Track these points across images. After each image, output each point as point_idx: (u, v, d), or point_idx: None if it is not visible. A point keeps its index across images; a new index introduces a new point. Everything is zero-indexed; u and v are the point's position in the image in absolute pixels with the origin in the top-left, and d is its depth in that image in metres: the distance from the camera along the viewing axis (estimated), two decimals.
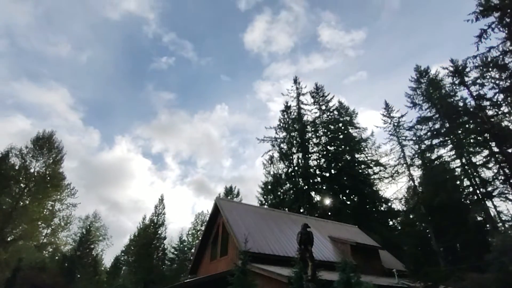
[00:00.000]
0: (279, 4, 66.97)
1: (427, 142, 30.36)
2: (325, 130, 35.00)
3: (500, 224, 23.58)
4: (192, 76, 78.45)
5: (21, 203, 28.46)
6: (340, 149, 32.85)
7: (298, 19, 67.94)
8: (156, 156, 77.47)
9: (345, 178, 30.31)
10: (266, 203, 32.52)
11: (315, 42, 73.55)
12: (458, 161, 27.20)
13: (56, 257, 33.80)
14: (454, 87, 28.81)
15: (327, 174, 32.16)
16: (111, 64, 72.21)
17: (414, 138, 32.19)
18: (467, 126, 27.14)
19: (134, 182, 68.35)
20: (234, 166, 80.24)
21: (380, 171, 33.10)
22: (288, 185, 32.56)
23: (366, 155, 34.02)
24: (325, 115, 36.12)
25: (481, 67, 22.65)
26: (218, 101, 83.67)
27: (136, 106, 73.69)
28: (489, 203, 24.28)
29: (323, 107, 36.57)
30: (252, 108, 75.58)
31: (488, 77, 23.66)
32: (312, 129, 35.80)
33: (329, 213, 27.94)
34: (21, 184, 29.27)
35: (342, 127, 34.42)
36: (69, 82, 68.61)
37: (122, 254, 41.23)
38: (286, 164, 33.82)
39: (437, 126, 29.68)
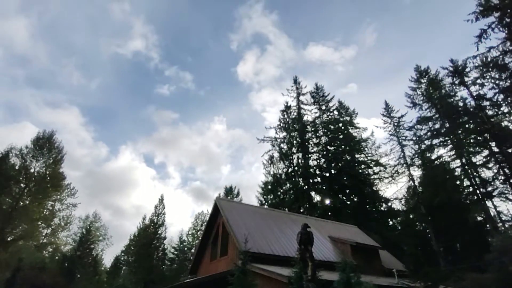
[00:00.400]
0: (265, 42, 78.11)
1: (427, 142, 30.37)
2: (325, 130, 35.00)
3: (500, 224, 23.58)
4: (190, 99, 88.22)
5: (21, 203, 28.47)
6: (340, 149, 32.84)
7: (285, 53, 75.55)
8: (158, 166, 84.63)
9: (345, 178, 30.31)
10: (266, 203, 32.52)
11: (303, 65, 77.87)
12: (458, 161, 27.21)
13: (56, 257, 33.79)
14: (454, 87, 28.81)
15: (327, 174, 32.15)
16: (119, 89, 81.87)
17: (414, 138, 32.20)
18: (467, 126, 27.13)
19: (137, 190, 71.52)
20: (232, 172, 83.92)
21: (380, 171, 33.11)
22: (288, 185, 32.56)
23: (366, 155, 34.02)
24: (325, 115, 36.15)
25: (481, 67, 22.65)
26: (216, 113, 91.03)
27: (140, 123, 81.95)
28: (489, 203, 24.30)
29: (323, 107, 36.59)
30: (248, 119, 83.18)
31: (488, 77, 23.65)
32: (312, 129, 35.81)
33: (329, 213, 27.93)
34: (21, 184, 29.28)
35: (342, 127, 34.42)
36: (81, 103, 77.50)
37: (122, 254, 41.24)
38: (286, 164, 33.83)
39: (437, 126, 29.68)
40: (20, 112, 67.30)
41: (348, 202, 30.10)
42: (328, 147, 33.85)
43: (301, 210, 28.72)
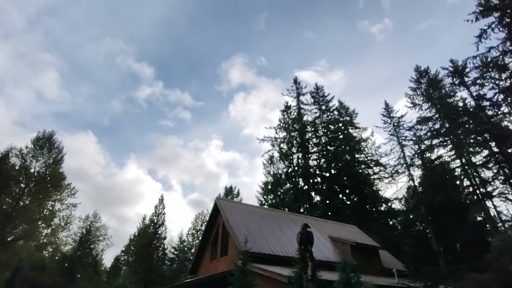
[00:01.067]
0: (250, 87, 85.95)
1: (427, 142, 30.38)
2: (325, 130, 34.99)
3: (500, 224, 23.58)
4: (189, 132, 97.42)
5: (21, 203, 28.45)
6: (340, 149, 32.83)
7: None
8: (162, 180, 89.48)
9: (345, 178, 30.30)
10: (266, 203, 32.52)
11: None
12: (458, 161, 27.23)
13: (56, 257, 33.78)
14: (454, 87, 28.84)
15: (327, 174, 32.14)
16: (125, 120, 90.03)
17: (414, 138, 32.22)
18: (467, 126, 27.13)
19: (143, 200, 76.49)
20: (230, 178, 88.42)
21: (380, 171, 33.12)
22: (288, 185, 32.55)
23: (366, 155, 34.02)
24: (325, 115, 36.14)
25: (481, 67, 22.65)
26: (214, 132, 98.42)
27: (146, 145, 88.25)
28: (489, 203, 24.31)
29: (323, 107, 36.58)
30: (243, 141, 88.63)
31: (488, 77, 23.68)
32: (312, 129, 35.80)
33: (329, 213, 27.92)
34: (21, 184, 29.26)
35: (342, 127, 34.41)
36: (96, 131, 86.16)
37: (122, 254, 41.25)
38: (286, 164, 33.83)
39: (437, 126, 29.70)
40: None
41: (348, 202, 30.09)
42: (328, 147, 33.84)
43: (301, 210, 28.72)
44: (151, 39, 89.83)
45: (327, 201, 29.55)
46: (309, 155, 33.81)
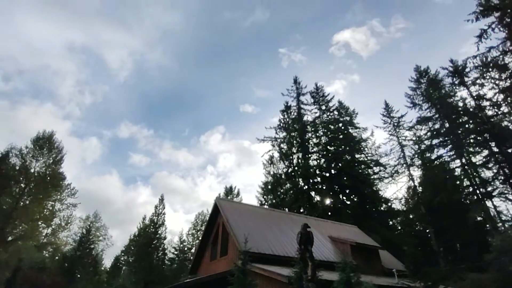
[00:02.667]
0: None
1: (427, 142, 30.37)
2: (325, 130, 34.99)
3: (500, 224, 23.57)
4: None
5: (21, 203, 28.43)
6: (340, 149, 32.83)
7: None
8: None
9: (345, 178, 30.29)
10: (266, 203, 32.52)
11: None
12: (458, 161, 27.22)
13: (56, 257, 33.78)
14: (454, 87, 28.83)
15: (327, 174, 32.14)
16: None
17: (414, 138, 32.22)
18: (467, 126, 27.13)
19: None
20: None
21: (380, 171, 33.12)
22: (288, 185, 32.55)
23: (366, 155, 34.03)
24: (325, 115, 36.14)
25: (481, 67, 22.64)
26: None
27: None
28: (489, 203, 24.29)
29: (323, 107, 36.57)
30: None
31: (488, 77, 23.66)
32: (312, 129, 35.79)
33: (329, 213, 27.93)
34: (21, 184, 29.23)
35: (342, 127, 34.41)
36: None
37: (122, 254, 41.26)
38: (286, 164, 33.83)
39: (437, 126, 29.69)
40: None
41: (348, 202, 30.10)
42: (328, 147, 33.84)
43: (301, 210, 28.71)
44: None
45: (327, 201, 29.59)
46: (309, 155, 33.80)
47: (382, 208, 31.29)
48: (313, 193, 31.61)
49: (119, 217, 71.45)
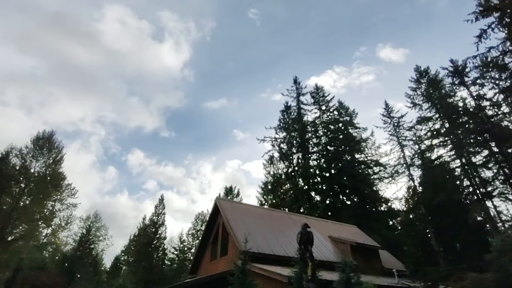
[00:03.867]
0: None
1: (427, 142, 30.39)
2: (325, 130, 34.99)
3: (500, 224, 23.57)
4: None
5: (21, 203, 28.45)
6: (340, 149, 32.82)
7: None
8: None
9: (345, 178, 30.28)
10: (266, 203, 32.53)
11: None
12: (458, 161, 27.20)
13: (56, 257, 33.79)
14: (454, 87, 28.81)
15: (327, 174, 32.14)
16: None
17: (414, 138, 32.22)
18: (467, 126, 27.12)
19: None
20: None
21: (380, 171, 33.11)
22: (288, 185, 32.56)
23: (366, 155, 34.03)
24: (325, 115, 36.14)
25: (481, 67, 22.61)
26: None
27: None
28: (489, 203, 24.28)
29: (323, 107, 36.58)
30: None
31: (488, 77, 23.65)
32: (312, 129, 35.80)
33: (329, 213, 27.93)
34: (21, 184, 29.24)
35: (342, 127, 34.41)
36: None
37: (122, 254, 41.24)
38: (286, 164, 33.83)
39: (437, 126, 29.70)
40: None
41: (348, 202, 30.10)
42: (328, 147, 33.84)
43: (301, 210, 28.70)
44: None
45: (327, 201, 29.57)
46: (309, 155, 33.81)
47: (382, 208, 31.30)
48: (313, 193, 31.62)
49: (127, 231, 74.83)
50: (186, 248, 39.86)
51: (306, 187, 31.48)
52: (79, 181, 76.27)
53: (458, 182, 27.35)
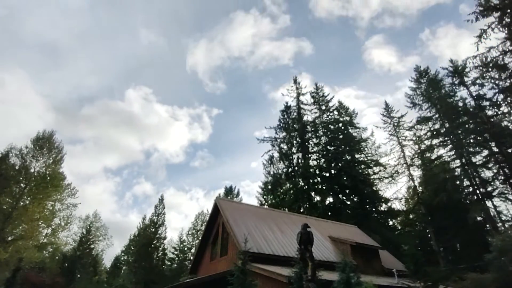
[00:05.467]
0: None
1: (427, 142, 30.39)
2: (325, 130, 34.98)
3: (500, 224, 23.59)
4: None
5: (21, 203, 28.41)
6: (340, 149, 32.82)
7: None
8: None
9: (345, 178, 30.30)
10: (266, 203, 32.52)
11: None
12: (458, 161, 27.21)
13: (56, 257, 33.76)
14: (454, 87, 28.86)
15: (327, 174, 32.14)
16: None
17: (414, 138, 32.22)
18: (467, 126, 27.14)
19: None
20: None
21: (380, 171, 33.11)
22: (288, 185, 32.54)
23: (366, 155, 34.02)
24: (325, 115, 36.13)
25: (481, 67, 22.62)
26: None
27: None
28: (489, 203, 24.31)
29: (323, 107, 36.56)
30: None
31: (488, 77, 23.64)
32: (312, 129, 35.78)
33: (329, 213, 27.93)
34: (21, 184, 29.21)
35: (342, 127, 34.40)
36: None
37: (122, 254, 41.24)
38: (286, 164, 33.81)
39: (437, 126, 29.70)
40: None
41: (348, 202, 30.09)
42: (328, 147, 33.84)
43: (301, 210, 28.71)
44: None
45: (327, 201, 29.57)
46: (309, 155, 33.80)
47: (382, 208, 31.29)
48: (313, 193, 31.61)
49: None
50: (186, 248, 39.86)
51: (306, 187, 31.47)
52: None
53: (458, 182, 27.36)
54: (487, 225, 24.92)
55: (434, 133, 29.41)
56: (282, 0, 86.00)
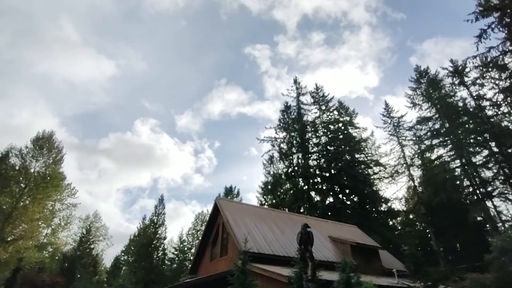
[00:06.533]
0: None
1: (427, 142, 30.40)
2: (325, 130, 34.98)
3: (500, 224, 23.60)
4: None
5: (21, 203, 28.40)
6: (340, 149, 32.82)
7: None
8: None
9: (345, 178, 30.29)
10: (266, 203, 32.51)
11: None
12: (458, 161, 27.22)
13: (56, 257, 33.77)
14: (454, 87, 28.88)
15: (327, 174, 32.13)
16: None
17: (414, 138, 32.24)
18: (467, 126, 27.14)
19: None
20: None
21: (380, 171, 33.13)
22: (288, 185, 32.54)
23: (366, 155, 34.02)
24: (325, 115, 36.12)
25: (481, 67, 22.63)
26: None
27: None
28: (489, 203, 24.33)
29: (323, 107, 36.56)
30: None
31: (488, 77, 23.68)
32: (312, 129, 35.78)
33: (329, 213, 27.92)
34: (21, 184, 29.21)
35: (342, 127, 34.41)
36: None
37: (122, 254, 41.22)
38: (286, 164, 33.81)
39: (437, 126, 29.72)
40: None
41: (348, 202, 30.09)
42: (328, 147, 33.83)
43: (301, 210, 28.71)
44: None
45: (327, 201, 29.57)
46: (309, 155, 33.79)
47: (382, 208, 31.29)
48: (313, 193, 31.62)
49: None
50: (186, 248, 39.85)
51: (306, 187, 31.48)
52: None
53: (458, 182, 27.38)
54: (487, 225, 24.94)
55: (434, 133, 29.41)
56: None
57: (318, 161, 33.64)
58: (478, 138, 25.65)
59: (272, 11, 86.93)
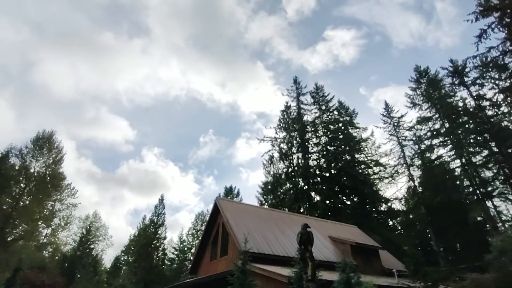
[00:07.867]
0: None
1: (427, 142, 30.41)
2: (325, 130, 34.98)
3: (500, 224, 23.60)
4: None
5: (21, 203, 28.46)
6: (340, 149, 32.83)
7: None
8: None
9: (345, 178, 30.29)
10: (266, 203, 32.51)
11: None
12: (458, 161, 27.26)
13: (56, 257, 33.78)
14: (454, 87, 28.86)
15: (327, 174, 32.13)
16: None
17: (414, 138, 32.24)
18: (467, 126, 27.15)
19: None
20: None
21: (380, 171, 33.11)
22: (288, 185, 32.54)
23: (366, 155, 34.03)
24: (325, 115, 36.11)
25: (481, 67, 22.65)
26: None
27: None
28: (489, 203, 24.34)
29: (323, 107, 36.56)
30: None
31: (488, 77, 23.69)
32: (312, 129, 35.79)
33: (329, 213, 27.92)
34: (21, 184, 29.26)
35: (342, 127, 34.41)
36: None
37: (122, 254, 41.20)
38: (286, 164, 33.82)
39: (437, 126, 29.73)
40: None
41: (348, 202, 30.10)
42: (328, 147, 33.84)
43: (301, 210, 28.72)
44: None
45: (327, 201, 29.55)
46: (309, 155, 33.80)
47: (382, 208, 31.31)
48: (313, 193, 31.61)
49: None
50: (186, 248, 39.84)
51: (306, 187, 31.48)
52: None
53: (458, 182, 27.39)
54: (487, 225, 24.93)
55: (434, 133, 29.42)
56: None
57: (318, 161, 33.64)
58: (478, 138, 25.66)
59: None
